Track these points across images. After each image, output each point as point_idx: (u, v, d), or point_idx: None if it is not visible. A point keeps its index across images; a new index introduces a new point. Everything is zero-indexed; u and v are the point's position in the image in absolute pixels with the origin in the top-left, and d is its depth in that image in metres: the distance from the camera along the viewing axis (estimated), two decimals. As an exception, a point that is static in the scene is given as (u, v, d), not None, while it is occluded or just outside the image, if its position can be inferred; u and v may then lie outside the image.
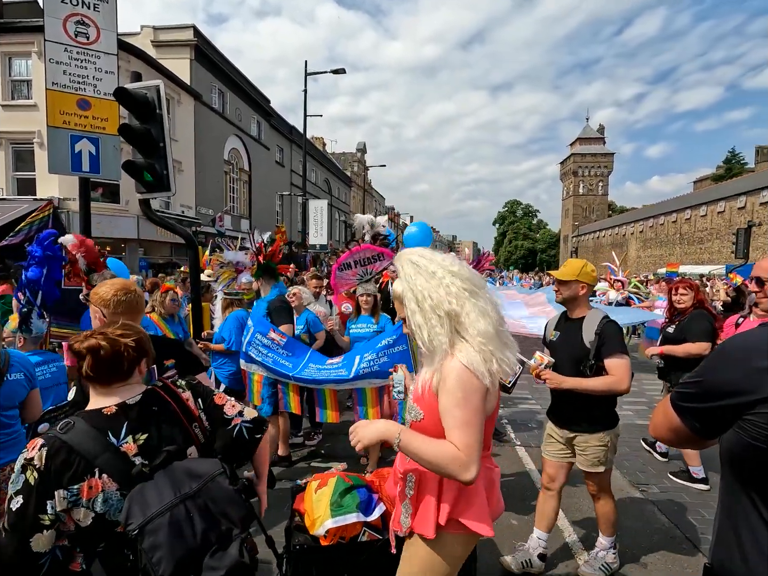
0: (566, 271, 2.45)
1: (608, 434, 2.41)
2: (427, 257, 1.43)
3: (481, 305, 1.36)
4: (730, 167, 47.23)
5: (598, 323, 2.34)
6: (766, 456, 0.83)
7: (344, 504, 2.10)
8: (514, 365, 1.40)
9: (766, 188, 26.63)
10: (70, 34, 4.46)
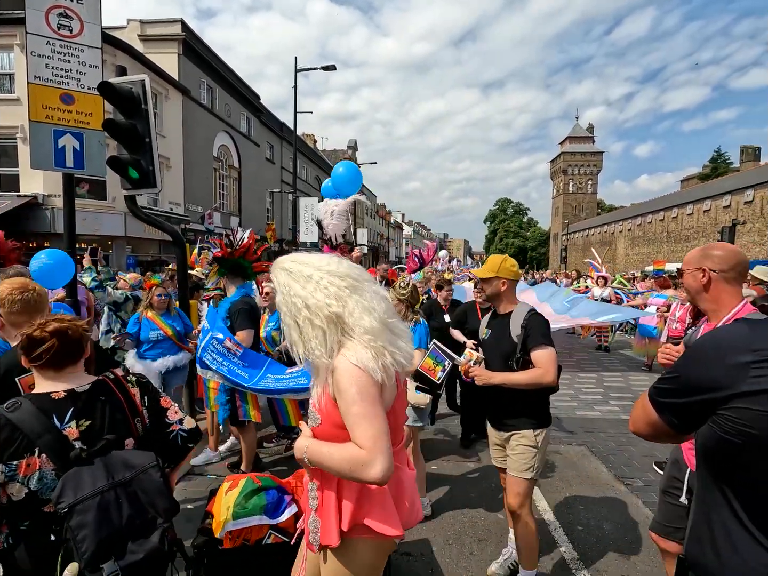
0: (485, 268, 2.42)
1: (540, 433, 2.32)
2: (300, 261, 1.36)
3: (364, 301, 1.30)
4: (716, 166, 48.02)
5: (524, 317, 2.30)
6: (738, 450, 0.85)
7: (248, 506, 2.05)
8: (409, 354, 1.35)
9: (751, 187, 27.13)
10: (52, 27, 4.37)
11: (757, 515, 0.85)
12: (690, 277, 1.75)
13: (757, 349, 0.84)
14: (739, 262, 1.69)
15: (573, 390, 6.61)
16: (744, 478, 0.87)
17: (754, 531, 0.84)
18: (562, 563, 2.70)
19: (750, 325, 0.90)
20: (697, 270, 1.71)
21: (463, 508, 3.30)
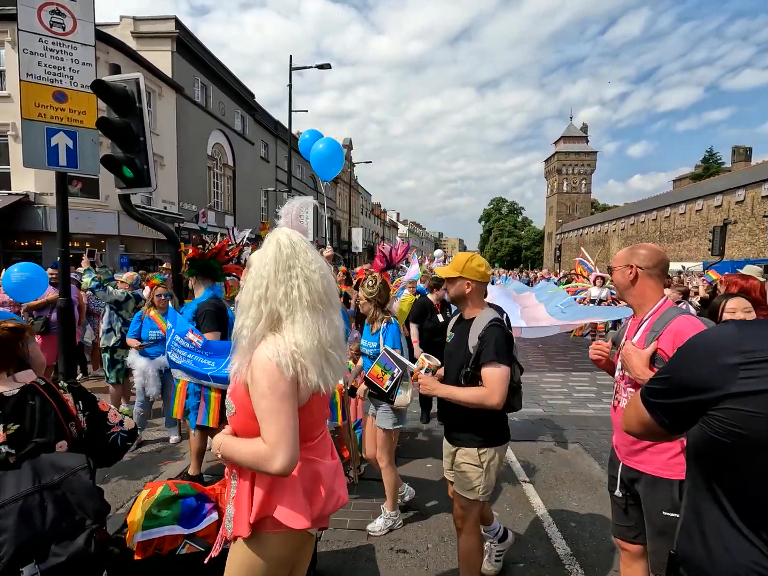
0: (450, 267, 2.22)
1: (486, 452, 2.12)
2: (299, 248, 1.35)
3: (311, 323, 1.28)
4: (708, 166, 48.51)
5: (484, 326, 2.07)
6: (728, 450, 0.87)
7: (160, 515, 1.97)
8: (332, 383, 1.32)
9: (742, 187, 27.43)
10: (45, 24, 4.33)
11: (747, 513, 0.86)
12: (619, 274, 1.85)
13: (745, 351, 0.85)
14: (661, 260, 1.80)
15: (567, 388, 6.67)
16: (734, 478, 0.88)
17: (743, 529, 0.86)
18: (555, 558, 2.73)
19: (738, 326, 0.92)
20: (626, 266, 1.81)
21: (458, 506, 3.32)
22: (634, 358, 1.69)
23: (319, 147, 3.85)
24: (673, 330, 1.65)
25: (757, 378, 0.83)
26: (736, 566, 0.86)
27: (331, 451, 1.51)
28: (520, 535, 2.97)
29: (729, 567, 0.87)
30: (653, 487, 1.72)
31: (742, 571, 0.85)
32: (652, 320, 1.75)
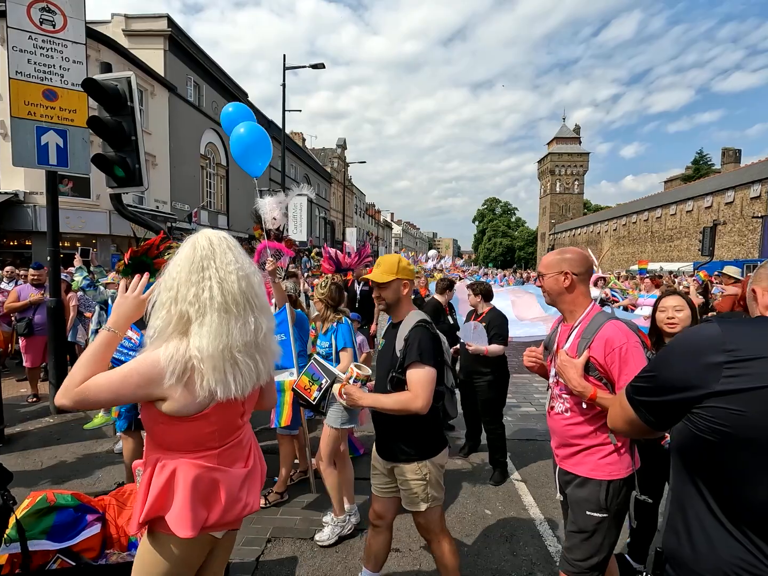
0: (382, 270, 2.06)
1: (424, 465, 2.03)
2: (221, 248, 1.33)
3: (223, 326, 1.26)
4: (698, 168, 49.06)
5: (409, 329, 1.99)
6: (712, 447, 0.88)
7: (28, 528, 1.83)
8: (237, 389, 1.29)
9: (731, 189, 27.80)
10: (34, 21, 4.29)
11: (730, 509, 0.88)
12: (552, 281, 1.79)
13: (729, 350, 0.87)
14: (589, 265, 1.82)
15: (559, 387, 6.71)
16: (717, 474, 0.90)
17: (727, 524, 0.88)
18: (546, 556, 2.76)
19: (721, 325, 0.93)
20: (559, 273, 1.77)
21: (450, 505, 3.34)
22: (569, 369, 1.68)
23: (240, 131, 3.30)
24: (603, 337, 1.64)
25: (741, 376, 0.84)
26: (721, 562, 0.88)
27: (247, 457, 1.48)
28: (513, 533, 2.99)
29: (713, 563, 0.89)
30: (582, 487, 1.73)
31: (726, 566, 0.87)
32: (583, 327, 1.73)
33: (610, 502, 1.68)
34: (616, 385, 1.61)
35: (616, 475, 1.68)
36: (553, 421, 1.86)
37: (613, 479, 1.68)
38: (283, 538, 2.90)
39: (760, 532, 0.85)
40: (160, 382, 1.22)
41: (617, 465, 1.68)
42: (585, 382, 1.64)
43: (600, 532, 1.70)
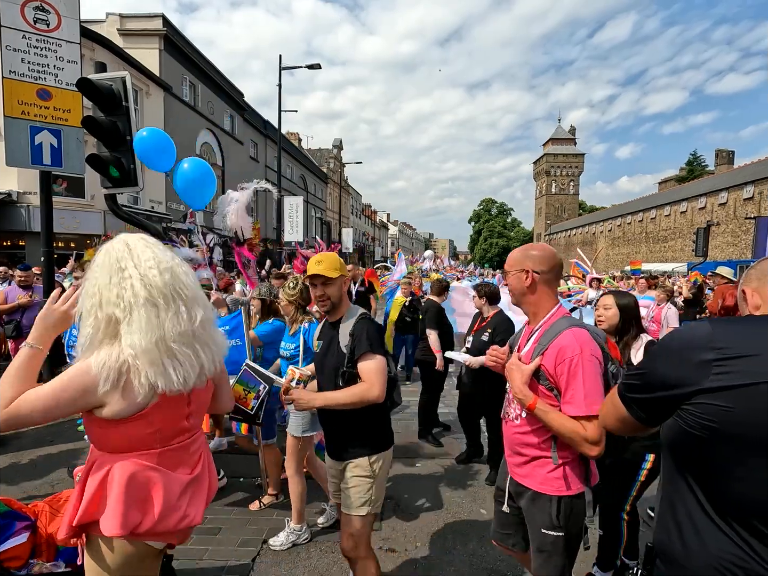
0: (329, 266, 1.98)
1: (377, 459, 2.00)
2: (137, 247, 1.34)
3: (154, 318, 1.27)
4: (692, 169, 49.46)
5: (353, 323, 1.98)
6: (700, 443, 0.90)
7: None
8: (179, 381, 1.28)
9: (725, 190, 28.04)
10: (28, 21, 4.27)
11: (719, 504, 0.90)
12: (514, 279, 1.69)
13: (718, 348, 0.89)
14: (557, 263, 1.68)
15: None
16: (706, 470, 0.92)
17: (716, 519, 0.89)
18: (542, 555, 2.77)
19: (711, 324, 0.96)
20: (521, 271, 1.66)
21: (446, 505, 3.35)
22: (515, 373, 1.60)
23: (185, 167, 3.32)
24: (557, 345, 1.54)
25: (729, 373, 0.87)
26: (710, 557, 0.89)
27: (194, 465, 1.44)
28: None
29: (704, 558, 0.90)
30: (533, 503, 1.66)
31: (716, 561, 0.88)
32: (542, 332, 1.63)
33: (564, 520, 1.58)
34: (563, 397, 1.52)
35: (565, 491, 1.58)
36: (506, 428, 1.79)
37: (563, 495, 1.59)
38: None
39: (748, 526, 0.86)
40: (94, 390, 1.21)
41: (566, 480, 1.59)
42: (527, 390, 1.55)
43: (558, 552, 1.61)
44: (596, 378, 1.50)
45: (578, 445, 1.48)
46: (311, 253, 4.09)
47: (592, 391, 1.47)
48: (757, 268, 1.10)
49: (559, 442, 1.57)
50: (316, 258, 2.04)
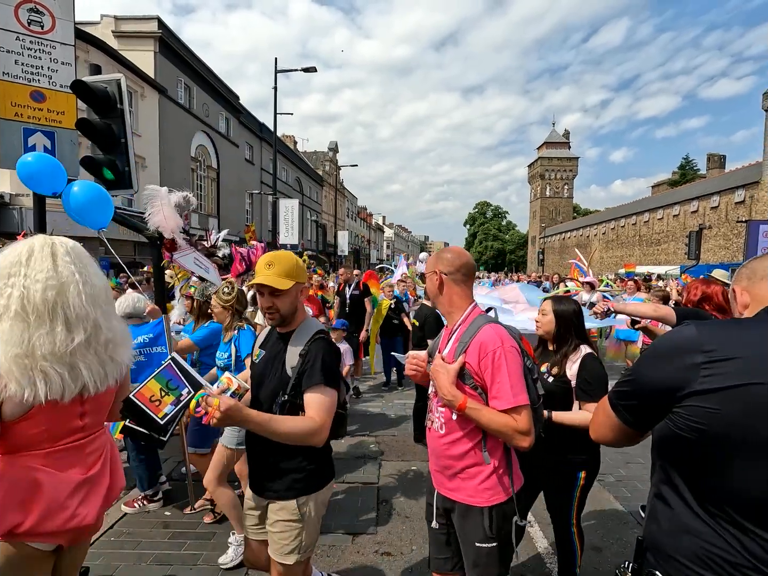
0: (280, 272, 1.67)
1: (306, 501, 1.71)
2: (38, 256, 1.31)
3: (9, 332, 1.24)
4: (685, 173, 50.01)
5: (306, 341, 1.69)
6: (688, 443, 0.93)
7: None
8: (42, 394, 1.24)
9: (716, 194, 28.37)
10: (22, 22, 4.25)
11: (707, 501, 0.92)
12: (429, 281, 1.72)
13: (707, 350, 0.91)
14: (462, 264, 1.67)
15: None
16: (695, 468, 0.94)
17: (703, 515, 0.92)
18: (537, 558, 2.78)
19: (698, 327, 0.97)
20: (432, 273, 1.70)
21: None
22: (441, 376, 1.54)
23: (75, 189, 3.11)
24: (478, 341, 1.53)
25: (716, 375, 0.88)
26: (698, 548, 0.92)
27: (91, 465, 1.42)
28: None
29: (692, 549, 0.93)
30: (465, 517, 1.59)
31: (703, 553, 0.91)
32: (461, 330, 1.62)
33: (497, 529, 1.54)
34: (489, 393, 1.50)
35: (497, 499, 1.55)
36: (430, 439, 1.70)
37: (495, 504, 1.55)
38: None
39: (734, 522, 0.89)
40: None
41: (497, 488, 1.55)
42: (456, 391, 1.50)
43: (493, 564, 1.57)
44: (519, 369, 1.51)
45: (511, 439, 1.47)
46: (256, 252, 3.26)
47: (517, 382, 1.48)
48: (747, 267, 1.12)
49: (489, 445, 1.55)
50: (265, 259, 1.71)
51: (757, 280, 1.07)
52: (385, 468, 4.01)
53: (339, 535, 2.97)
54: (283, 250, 1.79)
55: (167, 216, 3.34)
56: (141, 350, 3.17)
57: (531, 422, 1.47)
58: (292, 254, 1.80)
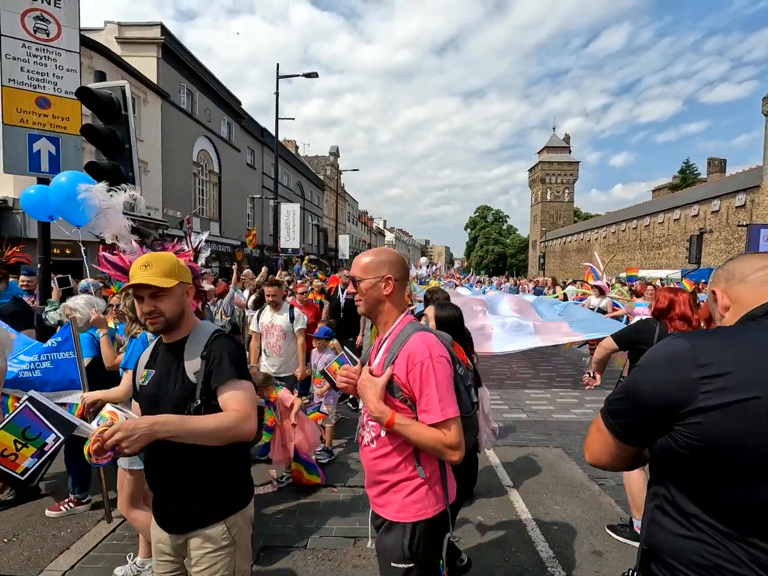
0: (159, 271, 1.49)
1: (234, 524, 1.53)
2: None
3: None
4: (685, 177, 50.05)
5: (204, 343, 1.55)
6: (689, 459, 0.91)
7: None
8: None
9: (717, 198, 28.39)
10: (28, 30, 4.31)
11: (708, 514, 0.91)
12: (370, 286, 1.52)
13: (703, 365, 0.87)
14: (407, 268, 1.60)
15: (550, 394, 6.77)
16: (695, 482, 0.93)
17: (704, 528, 0.91)
18: (538, 561, 2.77)
19: (689, 339, 0.93)
20: (380, 278, 1.51)
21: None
22: (368, 390, 1.45)
23: (62, 179, 3.15)
24: (406, 351, 1.43)
25: (716, 391, 0.86)
26: (699, 558, 0.91)
27: None
28: (505, 539, 3.01)
29: (693, 558, 0.92)
30: (386, 534, 1.50)
31: (704, 562, 0.90)
32: (391, 340, 1.52)
33: (416, 548, 1.44)
34: (418, 406, 1.42)
35: (423, 515, 1.45)
36: (363, 455, 1.61)
37: (420, 520, 1.45)
38: (276, 547, 2.89)
39: (737, 535, 0.88)
40: None
41: (424, 502, 1.46)
42: (383, 407, 1.42)
43: None
44: (448, 380, 1.43)
45: (441, 454, 1.41)
46: (129, 257, 2.84)
47: (445, 394, 1.40)
48: (725, 269, 1.09)
49: (422, 457, 1.46)
50: (141, 260, 1.53)
51: (735, 282, 1.05)
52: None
53: (340, 539, 2.98)
54: (161, 252, 1.61)
55: (109, 218, 3.00)
56: (48, 355, 2.93)
57: (460, 435, 1.40)
58: (172, 254, 1.64)
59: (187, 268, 1.63)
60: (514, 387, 7.06)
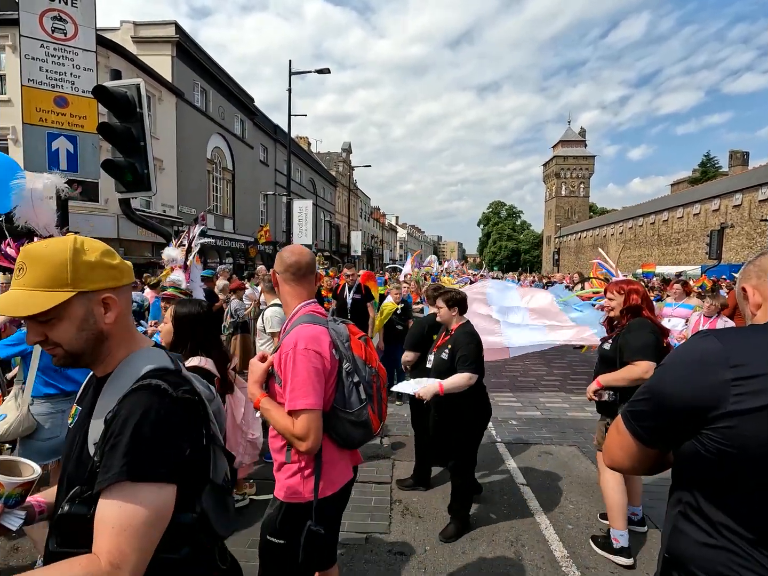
0: (35, 278, 0.89)
1: None
2: None
3: None
4: (706, 170, 48.73)
5: (121, 398, 0.89)
6: (717, 465, 0.86)
7: None
8: None
9: (739, 191, 27.57)
10: (46, 30, 4.38)
11: (734, 521, 0.87)
12: (272, 280, 1.77)
13: (735, 365, 0.83)
14: (293, 263, 1.65)
15: (564, 392, 6.69)
16: (720, 488, 0.89)
17: (729, 536, 0.87)
18: (552, 560, 2.74)
19: (719, 338, 0.89)
20: (273, 273, 1.75)
21: (456, 508, 3.33)
22: (251, 374, 1.59)
23: None
24: (284, 342, 1.54)
25: (749, 394, 0.81)
26: (723, 567, 0.87)
27: None
28: (518, 537, 2.99)
29: (716, 567, 0.89)
30: (270, 507, 1.64)
31: (728, 571, 0.86)
32: (285, 329, 1.66)
33: (283, 526, 1.55)
34: (283, 394, 1.50)
35: (294, 498, 1.54)
36: None
37: (290, 502, 1.55)
38: None
39: (761, 539, 0.85)
40: None
41: (297, 488, 1.55)
42: (255, 389, 1.55)
43: (275, 562, 1.58)
44: (307, 373, 1.45)
45: (291, 442, 1.49)
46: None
47: (298, 385, 1.45)
48: (756, 264, 1.03)
49: None
50: (17, 261, 0.93)
51: (767, 278, 0.99)
52: (399, 468, 4.02)
53: (352, 535, 2.98)
54: (53, 239, 0.97)
55: (38, 209, 2.73)
56: None
57: (309, 428, 1.43)
58: (67, 244, 0.92)
59: (106, 267, 0.96)
60: (528, 384, 6.99)
